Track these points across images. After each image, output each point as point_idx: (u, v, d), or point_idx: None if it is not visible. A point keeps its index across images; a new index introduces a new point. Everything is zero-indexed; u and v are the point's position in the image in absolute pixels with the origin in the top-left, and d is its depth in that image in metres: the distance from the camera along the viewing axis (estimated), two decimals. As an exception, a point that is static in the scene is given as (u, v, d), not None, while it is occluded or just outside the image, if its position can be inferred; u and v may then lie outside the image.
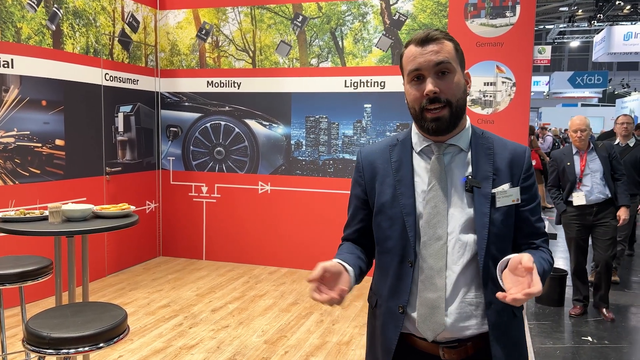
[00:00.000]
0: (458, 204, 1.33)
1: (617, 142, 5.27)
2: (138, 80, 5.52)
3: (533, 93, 25.29)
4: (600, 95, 27.84)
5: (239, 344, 3.63)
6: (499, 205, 1.33)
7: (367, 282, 1.48)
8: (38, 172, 4.41)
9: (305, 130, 5.41)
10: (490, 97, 4.80)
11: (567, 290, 4.65)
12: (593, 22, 16.86)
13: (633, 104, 20.12)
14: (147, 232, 5.73)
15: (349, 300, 4.55)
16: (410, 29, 5.06)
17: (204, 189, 5.76)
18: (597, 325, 4.07)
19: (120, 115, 5.31)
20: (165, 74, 5.82)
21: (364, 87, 5.20)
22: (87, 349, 1.96)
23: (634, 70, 30.43)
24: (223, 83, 5.62)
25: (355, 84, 5.22)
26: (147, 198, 5.70)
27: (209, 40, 5.66)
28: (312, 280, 1.20)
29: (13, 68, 4.18)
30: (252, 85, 5.53)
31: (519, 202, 1.36)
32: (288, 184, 5.48)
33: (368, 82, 5.18)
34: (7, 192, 4.19)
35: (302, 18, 5.34)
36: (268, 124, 5.53)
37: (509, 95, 4.75)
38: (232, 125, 5.63)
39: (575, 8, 18.24)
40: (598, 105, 27.53)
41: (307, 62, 5.37)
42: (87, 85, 4.85)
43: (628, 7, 16.40)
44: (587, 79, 22.91)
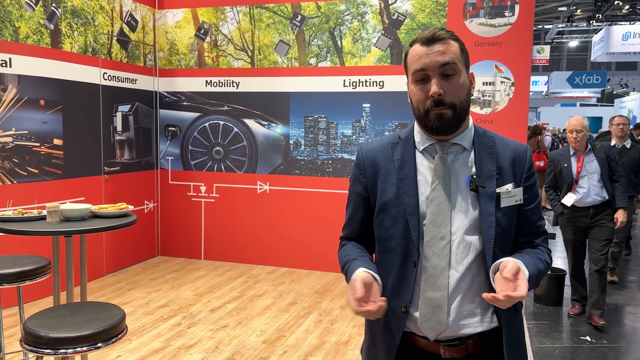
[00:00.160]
0: (462, 204, 1.33)
1: (613, 143, 5.15)
2: (136, 80, 5.51)
3: (532, 93, 25.33)
4: (599, 95, 27.86)
5: (238, 344, 3.62)
6: (503, 206, 1.33)
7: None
8: (36, 171, 4.40)
9: (304, 130, 5.41)
10: (489, 96, 4.80)
11: (565, 290, 4.65)
12: (592, 22, 16.87)
13: (631, 104, 20.15)
14: (145, 231, 5.72)
15: (348, 300, 4.54)
16: (409, 29, 5.06)
17: (203, 189, 5.76)
18: (595, 325, 4.07)
19: (119, 115, 5.30)
20: (164, 74, 5.81)
21: (363, 86, 5.20)
22: (85, 349, 1.95)
23: (633, 70, 30.48)
24: (222, 82, 5.62)
25: (354, 84, 5.22)
26: (145, 198, 5.70)
27: (208, 40, 5.65)
28: (358, 299, 1.22)
29: (11, 67, 4.17)
30: (250, 85, 5.53)
31: (522, 202, 1.36)
32: (287, 184, 5.48)
33: (367, 81, 5.18)
34: (5, 191, 4.18)
35: (300, 17, 5.34)
36: (267, 124, 5.52)
37: (508, 95, 4.75)
38: (230, 125, 5.63)
39: (574, 8, 18.25)
40: (597, 105, 27.56)
41: (305, 61, 5.36)
42: (85, 85, 4.84)
43: (627, 7, 16.41)
44: (585, 79, 22.93)
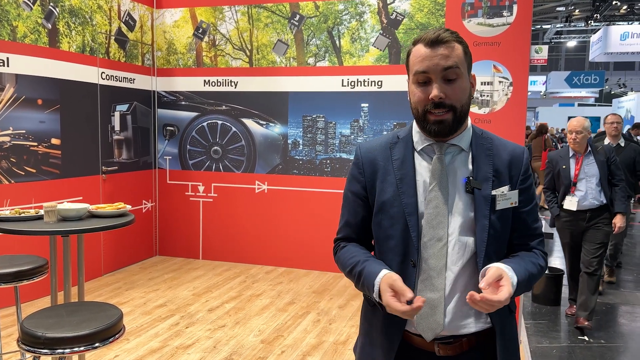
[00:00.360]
0: (458, 205, 1.34)
1: (607, 142, 5.06)
2: (134, 79, 5.51)
3: (530, 93, 25.36)
4: (597, 95, 27.91)
5: (236, 344, 3.62)
6: (499, 208, 1.34)
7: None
8: (34, 171, 4.39)
9: (303, 130, 5.41)
10: (487, 96, 4.80)
11: (563, 290, 4.65)
12: (590, 22, 16.91)
13: (630, 104, 20.18)
14: (143, 231, 5.72)
15: (346, 300, 4.55)
16: (408, 29, 5.06)
17: (201, 188, 5.75)
18: (593, 325, 4.08)
19: (117, 114, 5.29)
20: (162, 73, 5.80)
21: (361, 86, 5.20)
22: (82, 349, 1.95)
23: (631, 70, 30.54)
24: (220, 82, 5.61)
25: (353, 83, 5.22)
26: (143, 197, 5.69)
27: (206, 39, 5.65)
28: (411, 298, 1.21)
29: (9, 67, 4.16)
30: (249, 85, 5.52)
31: (517, 204, 1.37)
32: (285, 184, 5.48)
33: (365, 81, 5.18)
34: (2, 191, 4.17)
35: (299, 17, 5.34)
36: (265, 123, 5.52)
37: (506, 95, 4.76)
38: (229, 125, 5.62)
39: (572, 8, 18.28)
40: (595, 105, 27.60)
41: (304, 61, 5.36)
42: (83, 84, 4.84)
43: (625, 7, 16.44)
44: (583, 79, 22.97)
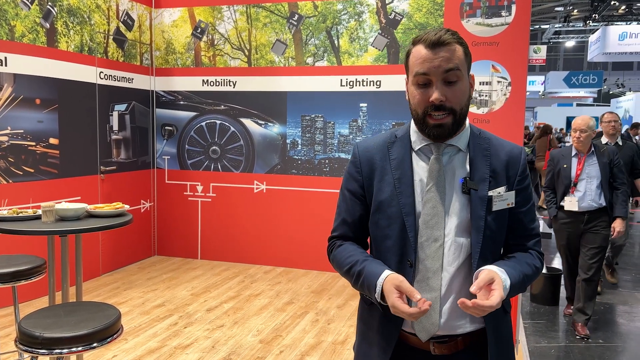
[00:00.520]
0: (455, 206, 1.33)
1: (605, 142, 4.84)
2: (133, 79, 5.50)
3: (528, 93, 25.39)
4: (595, 95, 27.96)
5: (234, 344, 3.62)
6: (495, 209, 1.34)
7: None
8: (32, 170, 4.39)
9: (301, 130, 5.40)
10: (486, 96, 4.80)
11: (561, 290, 4.66)
12: (588, 22, 16.93)
13: (628, 104, 20.22)
14: (142, 231, 5.71)
15: (344, 300, 4.55)
16: (406, 28, 5.06)
17: (199, 188, 5.75)
18: (591, 325, 4.08)
19: (115, 114, 5.28)
20: (161, 73, 5.80)
21: (360, 86, 5.19)
22: (80, 349, 1.94)
23: (629, 70, 30.59)
24: (218, 82, 5.61)
25: (351, 83, 5.22)
26: (142, 197, 5.68)
27: (205, 39, 5.64)
28: (419, 299, 1.20)
29: (6, 66, 4.15)
30: (247, 84, 5.52)
31: (513, 205, 1.37)
32: (284, 183, 5.48)
33: (364, 81, 5.18)
34: (0, 191, 4.16)
35: (297, 17, 5.33)
36: (264, 123, 5.51)
37: (505, 95, 4.76)
38: (227, 124, 5.62)
39: (571, 8, 18.30)
40: (593, 105, 27.64)
41: (302, 61, 5.36)
42: (81, 84, 4.83)
43: (623, 7, 16.47)
44: (582, 79, 23.00)
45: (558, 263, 5.72)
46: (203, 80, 5.65)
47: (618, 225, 3.81)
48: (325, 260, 5.56)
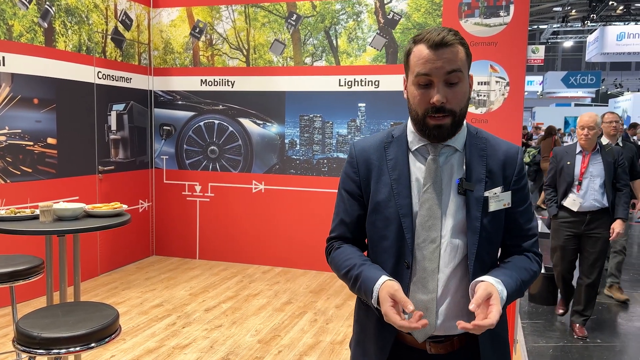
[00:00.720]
0: (451, 207, 1.33)
1: (606, 142, 4.68)
2: (131, 79, 5.49)
3: (527, 93, 25.42)
4: (594, 95, 28.00)
5: (233, 344, 3.61)
6: (491, 210, 1.33)
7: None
8: (30, 170, 4.38)
9: (300, 129, 5.40)
10: (484, 96, 4.80)
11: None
12: (586, 22, 16.96)
13: (626, 104, 20.26)
14: (140, 231, 5.70)
15: (343, 300, 4.55)
16: (405, 28, 5.06)
17: (198, 188, 5.74)
18: (589, 324, 4.09)
19: (113, 114, 5.28)
20: (159, 72, 5.79)
21: (358, 86, 5.19)
22: (78, 349, 1.94)
23: (627, 71, 30.64)
24: (217, 82, 5.60)
25: (350, 83, 5.22)
26: (140, 197, 5.68)
27: (203, 39, 5.64)
28: (412, 310, 1.19)
29: (4, 66, 4.15)
30: (246, 84, 5.52)
31: (510, 206, 1.36)
32: (282, 183, 5.47)
33: (362, 81, 5.18)
34: (-2, 190, 4.16)
35: (296, 17, 5.33)
36: (262, 123, 5.51)
37: (503, 95, 4.76)
38: (225, 124, 5.61)
39: (569, 8, 18.32)
40: (591, 105, 27.68)
41: (301, 60, 5.36)
42: (79, 84, 4.82)
43: (621, 7, 16.50)
44: (580, 79, 23.06)
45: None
46: (201, 80, 5.65)
47: (618, 227, 3.73)
48: (324, 260, 5.55)
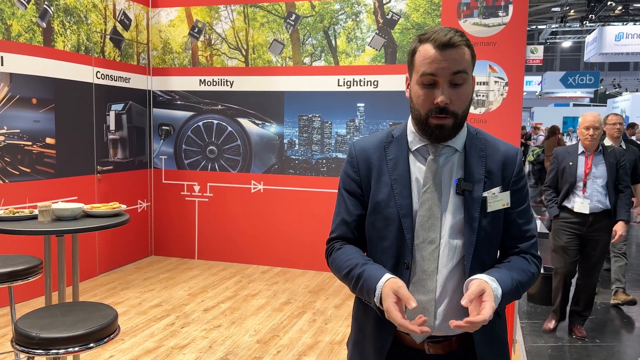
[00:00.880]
0: (450, 207, 1.33)
1: (608, 144, 4.56)
2: (130, 79, 5.49)
3: (525, 93, 25.45)
4: (592, 96, 28.04)
5: (231, 344, 3.61)
6: (490, 210, 1.33)
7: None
8: (28, 170, 4.37)
9: (298, 129, 5.40)
10: (483, 96, 4.81)
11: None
12: (585, 22, 16.98)
13: (624, 104, 20.29)
14: (139, 231, 5.70)
15: (342, 300, 4.55)
16: (404, 28, 5.06)
17: (196, 188, 5.74)
18: (588, 325, 4.09)
19: (112, 114, 5.27)
20: (158, 72, 5.79)
21: (357, 86, 5.19)
22: (77, 349, 1.94)
23: (625, 71, 30.69)
24: (215, 81, 5.60)
25: (349, 83, 5.22)
26: (139, 197, 5.67)
27: (202, 39, 5.63)
28: (415, 307, 1.18)
29: (3, 66, 4.14)
30: (244, 84, 5.51)
31: (509, 206, 1.36)
32: (281, 183, 5.47)
33: (361, 81, 5.18)
34: (-4, 190, 4.15)
35: (295, 17, 5.33)
36: (261, 123, 5.51)
37: (502, 95, 4.76)
38: (224, 124, 5.61)
39: (568, 8, 18.35)
40: (590, 105, 27.71)
41: (300, 60, 5.36)
42: (78, 84, 4.81)
43: (620, 7, 16.52)
44: (579, 79, 23.09)
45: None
46: (200, 80, 5.65)
47: (620, 229, 3.67)
48: (323, 261, 5.54)
